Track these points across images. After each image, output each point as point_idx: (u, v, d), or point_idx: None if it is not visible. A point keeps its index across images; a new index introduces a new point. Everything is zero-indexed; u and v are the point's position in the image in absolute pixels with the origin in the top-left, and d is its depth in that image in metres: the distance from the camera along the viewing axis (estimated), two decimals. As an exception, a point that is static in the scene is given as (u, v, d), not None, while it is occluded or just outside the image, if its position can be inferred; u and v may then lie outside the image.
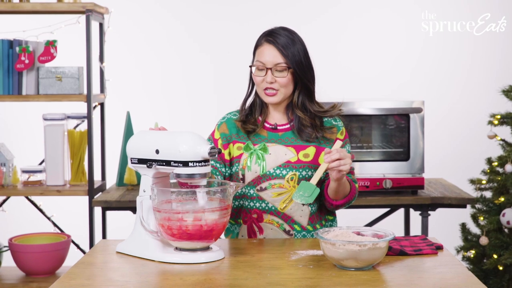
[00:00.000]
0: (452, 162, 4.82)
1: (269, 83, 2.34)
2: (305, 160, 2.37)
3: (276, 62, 2.33)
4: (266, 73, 2.34)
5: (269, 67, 2.34)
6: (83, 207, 3.76)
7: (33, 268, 3.57)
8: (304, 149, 2.38)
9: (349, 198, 2.38)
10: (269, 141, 2.40)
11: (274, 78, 2.34)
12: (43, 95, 3.66)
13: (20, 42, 3.63)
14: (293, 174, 2.35)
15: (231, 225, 2.44)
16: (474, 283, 1.84)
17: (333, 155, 2.16)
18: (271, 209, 2.36)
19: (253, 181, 2.37)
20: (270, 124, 2.43)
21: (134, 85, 4.90)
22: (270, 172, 2.35)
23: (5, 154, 3.70)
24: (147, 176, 2.12)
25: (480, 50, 4.89)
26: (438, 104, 4.75)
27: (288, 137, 2.40)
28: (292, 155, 2.37)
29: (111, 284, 1.86)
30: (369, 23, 4.89)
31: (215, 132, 2.46)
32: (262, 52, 2.36)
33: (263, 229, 2.37)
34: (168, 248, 2.10)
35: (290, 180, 2.35)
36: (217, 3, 4.90)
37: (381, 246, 1.92)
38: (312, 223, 2.40)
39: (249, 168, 2.36)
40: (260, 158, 2.36)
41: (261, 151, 2.37)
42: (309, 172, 2.37)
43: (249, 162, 2.36)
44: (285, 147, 2.38)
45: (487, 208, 3.53)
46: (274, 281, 1.85)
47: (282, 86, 2.34)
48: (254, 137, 2.41)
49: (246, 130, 2.41)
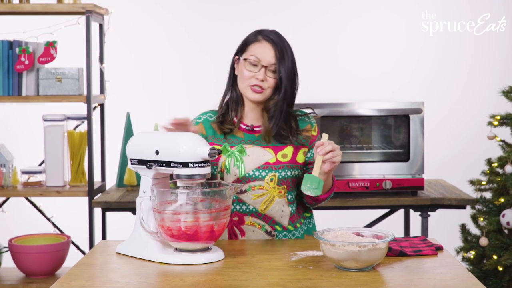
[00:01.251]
0: (452, 163, 4.82)
1: (260, 81, 2.32)
2: (283, 160, 2.37)
3: (271, 62, 2.33)
4: (260, 70, 2.33)
5: (265, 65, 2.33)
6: (83, 208, 3.76)
7: (33, 269, 3.57)
8: (282, 150, 2.38)
9: (331, 191, 2.38)
10: (246, 143, 2.38)
11: (266, 77, 2.33)
12: (43, 96, 3.66)
13: (20, 43, 3.63)
14: (273, 175, 2.35)
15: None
16: (474, 284, 1.83)
17: (326, 147, 2.16)
18: (252, 211, 2.35)
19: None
20: (246, 125, 2.41)
21: (134, 86, 4.90)
22: (250, 174, 2.34)
23: (5, 155, 3.70)
24: (147, 177, 2.12)
25: (480, 50, 4.89)
26: (438, 105, 4.75)
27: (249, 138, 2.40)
28: (271, 156, 2.36)
29: (111, 285, 1.86)
30: (369, 23, 4.89)
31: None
32: (259, 48, 2.35)
33: (245, 232, 2.36)
34: (168, 249, 2.10)
35: (270, 181, 2.35)
36: (217, 4, 4.90)
37: (381, 247, 1.92)
38: (293, 223, 2.40)
39: (228, 171, 2.34)
40: (238, 160, 2.34)
41: (239, 153, 2.35)
42: (288, 172, 2.37)
43: (227, 165, 2.35)
44: (262, 148, 2.37)
45: (487, 209, 3.53)
46: (274, 282, 1.85)
47: (269, 86, 2.34)
48: (231, 139, 2.39)
49: (222, 131, 2.39)
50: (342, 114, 3.55)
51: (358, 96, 4.35)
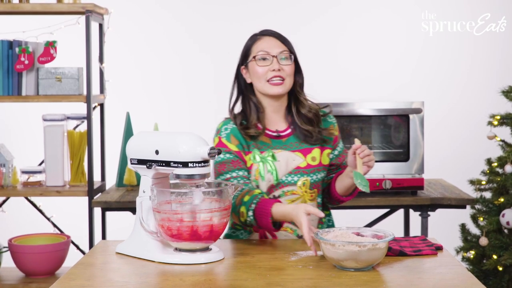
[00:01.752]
0: (451, 162, 4.82)
1: (277, 71, 2.31)
2: (314, 163, 2.37)
3: (280, 50, 2.33)
4: (272, 61, 2.32)
5: (274, 54, 2.32)
6: (83, 207, 3.76)
7: (32, 268, 3.57)
8: (310, 152, 2.38)
9: (355, 193, 2.39)
10: (274, 148, 2.37)
11: (281, 66, 2.32)
12: (43, 96, 3.66)
13: (19, 42, 3.63)
14: (305, 180, 2.35)
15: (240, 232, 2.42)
16: (473, 283, 1.83)
17: (365, 150, 2.18)
18: None
19: (267, 191, 2.35)
20: (271, 131, 2.40)
21: (134, 85, 4.90)
22: (283, 179, 2.34)
23: (4, 155, 3.70)
24: (146, 176, 2.12)
25: (480, 50, 4.89)
26: (438, 105, 4.75)
27: (292, 142, 2.39)
28: (301, 160, 2.36)
29: (111, 284, 1.86)
30: (369, 23, 4.89)
31: (229, 144, 2.36)
32: (262, 44, 2.35)
33: (277, 236, 2.35)
34: (167, 248, 2.10)
35: (302, 186, 2.35)
36: (217, 3, 4.90)
37: (380, 247, 1.92)
38: (319, 224, 2.41)
39: (263, 178, 2.33)
40: (271, 166, 2.33)
41: (271, 159, 2.34)
42: (318, 176, 2.37)
43: (262, 172, 2.33)
44: (292, 152, 2.36)
45: (487, 209, 3.53)
46: (274, 281, 1.85)
47: (288, 74, 2.33)
48: (259, 145, 2.36)
49: (249, 135, 2.36)
50: (342, 114, 3.55)
51: (358, 96, 4.35)
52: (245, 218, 2.23)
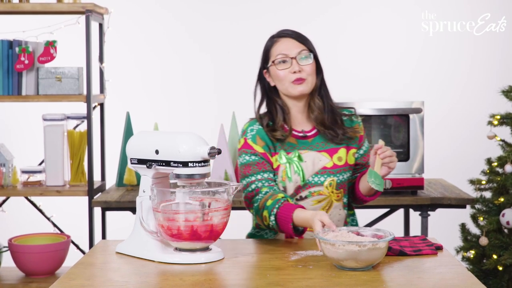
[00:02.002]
0: (451, 162, 4.82)
1: (297, 72, 2.31)
2: (340, 164, 2.37)
3: (298, 50, 2.32)
4: (292, 63, 2.32)
5: (293, 56, 2.32)
6: (83, 207, 3.76)
7: (32, 268, 3.57)
8: (336, 152, 2.37)
9: (379, 193, 2.38)
10: (300, 149, 2.37)
11: (301, 67, 2.31)
12: (43, 96, 3.66)
13: (19, 42, 3.63)
14: (332, 180, 2.35)
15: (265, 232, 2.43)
16: (473, 283, 1.83)
17: (386, 151, 2.18)
18: None
19: (294, 192, 2.35)
20: (297, 132, 2.39)
21: (134, 85, 4.90)
22: (309, 180, 2.34)
23: (4, 155, 3.70)
24: (146, 176, 2.12)
25: (480, 50, 4.89)
26: (438, 105, 4.75)
27: (318, 142, 2.38)
28: (327, 160, 2.36)
29: (111, 284, 1.86)
30: (369, 23, 4.89)
31: (254, 146, 2.36)
32: (280, 47, 2.34)
33: (303, 237, 2.35)
34: (167, 248, 2.10)
35: (329, 186, 2.35)
36: (217, 3, 4.90)
37: (380, 247, 1.92)
38: (344, 224, 2.43)
39: (290, 179, 2.33)
40: (298, 167, 2.33)
41: (297, 160, 2.34)
42: (344, 176, 2.38)
43: (289, 173, 2.33)
44: (318, 153, 2.36)
45: (487, 209, 3.53)
46: (274, 281, 1.85)
47: (309, 74, 2.33)
48: (286, 146, 2.36)
49: (276, 138, 2.35)
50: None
51: (358, 96, 4.35)
52: (268, 222, 2.23)
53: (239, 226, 3.27)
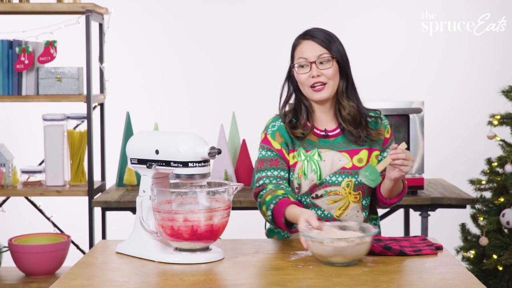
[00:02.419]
0: (451, 162, 4.82)
1: (316, 77, 2.30)
2: (359, 165, 2.34)
3: (318, 54, 2.30)
4: (311, 68, 2.30)
5: (312, 60, 2.30)
6: (83, 207, 3.76)
7: (32, 268, 3.57)
8: (357, 154, 2.35)
9: (401, 196, 2.36)
10: (321, 147, 2.35)
11: (320, 71, 2.30)
12: (43, 96, 3.66)
13: (19, 42, 3.63)
14: (349, 181, 2.33)
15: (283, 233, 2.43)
16: (473, 283, 1.83)
17: (399, 153, 2.15)
18: (327, 216, 2.34)
19: (309, 190, 2.34)
20: (319, 130, 2.38)
21: (134, 85, 4.90)
22: (327, 179, 2.32)
23: (4, 155, 3.70)
24: (146, 176, 2.12)
25: (480, 50, 4.89)
26: (438, 105, 4.75)
27: (340, 143, 2.36)
28: (347, 161, 2.34)
29: (111, 284, 1.86)
30: (369, 23, 4.89)
31: (273, 141, 2.37)
32: (301, 49, 2.33)
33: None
34: (167, 248, 2.10)
35: (346, 187, 2.33)
36: (217, 3, 4.90)
37: (367, 241, 1.96)
38: None
39: (306, 177, 2.32)
40: (316, 165, 2.32)
41: (316, 158, 2.33)
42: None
43: (305, 171, 2.32)
44: (338, 152, 2.35)
45: (487, 209, 3.53)
46: (274, 281, 1.85)
47: (329, 78, 2.31)
48: (305, 143, 2.36)
49: (295, 136, 2.35)
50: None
51: (358, 96, 4.34)
52: (267, 217, 2.26)
53: (239, 226, 3.28)
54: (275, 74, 4.99)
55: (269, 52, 4.79)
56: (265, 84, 4.78)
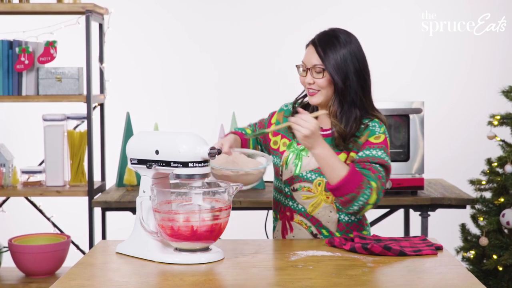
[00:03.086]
0: (452, 162, 4.82)
1: (310, 84, 2.33)
2: None
3: (313, 63, 2.32)
4: (307, 73, 2.33)
5: (308, 67, 2.33)
6: (83, 207, 3.76)
7: (32, 268, 3.57)
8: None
9: (338, 184, 2.18)
10: None
11: (313, 79, 2.32)
12: (43, 96, 3.66)
13: (19, 42, 3.63)
14: (320, 180, 2.33)
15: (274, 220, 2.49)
16: (473, 283, 1.83)
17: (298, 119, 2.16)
18: (301, 210, 2.36)
19: (287, 180, 2.38)
20: None
21: (134, 85, 4.90)
22: (302, 174, 2.35)
23: (4, 155, 3.70)
24: (146, 176, 2.12)
25: (480, 50, 4.89)
26: (438, 105, 4.75)
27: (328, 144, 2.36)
28: None
29: (110, 284, 1.86)
30: (369, 23, 4.89)
31: (274, 115, 2.51)
32: (306, 52, 2.38)
33: (293, 228, 2.38)
34: (167, 248, 2.10)
35: (318, 186, 2.34)
36: (217, 3, 4.90)
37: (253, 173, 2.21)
38: (342, 231, 2.35)
39: (287, 167, 2.37)
40: (298, 158, 2.36)
41: (303, 152, 2.36)
42: None
43: (288, 161, 2.37)
44: None
45: (487, 209, 3.53)
46: (274, 281, 1.85)
47: (321, 87, 2.32)
48: None
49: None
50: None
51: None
52: None
53: (239, 226, 3.28)
54: (275, 74, 5.01)
55: (269, 52, 4.80)
56: (265, 84, 4.78)
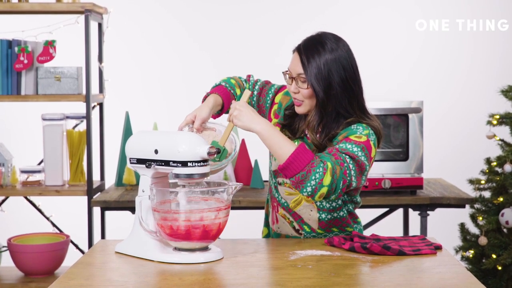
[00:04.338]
0: (451, 162, 4.83)
1: (295, 93, 2.25)
2: None
3: (298, 72, 2.23)
4: (292, 82, 2.26)
5: (293, 76, 2.25)
6: (82, 207, 3.76)
7: (32, 268, 3.57)
8: None
9: (290, 160, 2.07)
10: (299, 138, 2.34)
11: (298, 89, 2.24)
12: (42, 95, 3.66)
13: (19, 42, 3.63)
14: None
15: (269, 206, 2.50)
16: (473, 283, 1.84)
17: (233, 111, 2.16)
18: (284, 204, 2.36)
19: (274, 172, 2.39)
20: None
21: (133, 85, 4.89)
22: None
23: (4, 154, 3.70)
24: (146, 176, 2.12)
25: (479, 50, 4.89)
26: (437, 104, 4.76)
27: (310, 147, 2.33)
28: None
29: (110, 284, 1.86)
30: (368, 22, 4.89)
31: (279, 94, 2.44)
32: (292, 59, 2.28)
33: (278, 220, 2.38)
34: (167, 248, 2.10)
35: None
36: (217, 3, 4.90)
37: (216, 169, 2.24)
38: (323, 228, 2.33)
39: (274, 158, 2.29)
40: None
41: None
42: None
43: None
44: None
45: (486, 208, 3.53)
46: (273, 281, 1.85)
47: (305, 97, 2.24)
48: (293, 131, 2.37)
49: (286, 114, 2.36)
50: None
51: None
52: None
53: (239, 226, 3.28)
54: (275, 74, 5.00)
55: (268, 51, 4.80)
56: (264, 83, 4.78)
